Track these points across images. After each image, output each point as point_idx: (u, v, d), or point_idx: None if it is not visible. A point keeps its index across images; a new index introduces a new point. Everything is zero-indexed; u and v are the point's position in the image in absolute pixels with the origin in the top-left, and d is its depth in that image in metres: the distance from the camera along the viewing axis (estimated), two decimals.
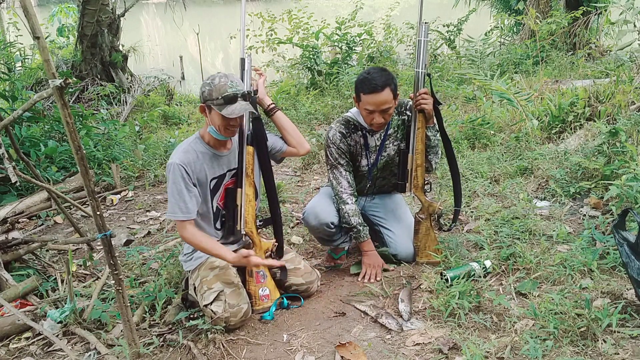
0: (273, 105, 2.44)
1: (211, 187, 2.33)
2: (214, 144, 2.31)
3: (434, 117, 2.54)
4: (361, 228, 2.59)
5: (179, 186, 2.19)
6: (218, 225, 2.41)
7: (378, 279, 2.57)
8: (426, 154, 2.59)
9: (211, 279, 2.26)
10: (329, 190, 2.75)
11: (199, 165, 2.27)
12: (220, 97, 2.12)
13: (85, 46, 7.63)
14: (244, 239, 2.42)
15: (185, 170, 2.20)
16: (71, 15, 10.00)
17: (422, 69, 2.45)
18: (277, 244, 2.44)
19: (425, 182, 2.63)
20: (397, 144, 2.65)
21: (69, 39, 9.51)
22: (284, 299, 2.42)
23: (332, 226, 2.63)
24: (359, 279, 2.61)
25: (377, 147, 2.63)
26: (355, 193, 2.65)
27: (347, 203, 2.59)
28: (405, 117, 2.63)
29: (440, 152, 2.68)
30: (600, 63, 6.67)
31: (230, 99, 2.12)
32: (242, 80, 2.29)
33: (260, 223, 2.42)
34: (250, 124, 2.35)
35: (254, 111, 2.27)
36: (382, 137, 2.62)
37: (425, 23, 2.44)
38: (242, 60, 2.31)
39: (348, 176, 2.61)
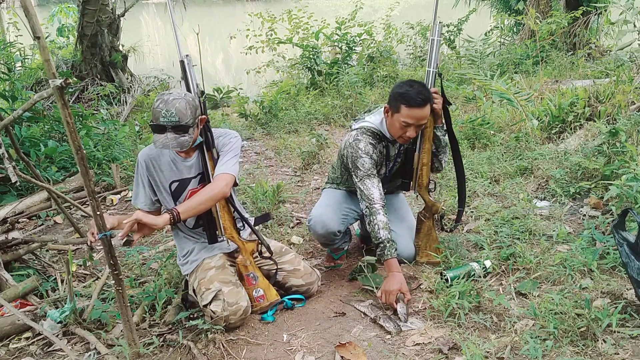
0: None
1: (172, 190, 2.32)
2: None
3: (442, 117, 2.54)
4: (389, 244, 2.36)
5: (137, 178, 2.35)
6: (189, 224, 2.40)
7: (394, 307, 2.27)
8: (437, 154, 2.60)
9: (209, 279, 2.26)
10: (332, 193, 2.74)
11: (159, 165, 2.30)
12: (150, 123, 2.12)
13: (85, 46, 7.63)
14: (228, 245, 2.41)
15: (142, 166, 2.31)
16: (71, 15, 10.00)
17: (433, 68, 2.45)
18: (260, 242, 2.40)
19: (430, 181, 2.63)
20: (407, 147, 2.65)
21: (69, 39, 9.51)
22: (286, 301, 2.41)
23: (339, 234, 2.63)
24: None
25: (395, 156, 2.63)
26: (385, 204, 2.48)
27: (379, 214, 2.40)
28: None
29: (448, 151, 2.68)
30: (600, 63, 6.67)
31: (158, 130, 2.09)
32: (187, 85, 2.23)
33: (241, 225, 2.41)
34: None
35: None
36: (399, 146, 2.61)
37: (440, 22, 2.43)
38: (182, 63, 2.23)
39: (380, 186, 2.46)
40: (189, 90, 2.25)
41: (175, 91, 2.15)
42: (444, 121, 2.56)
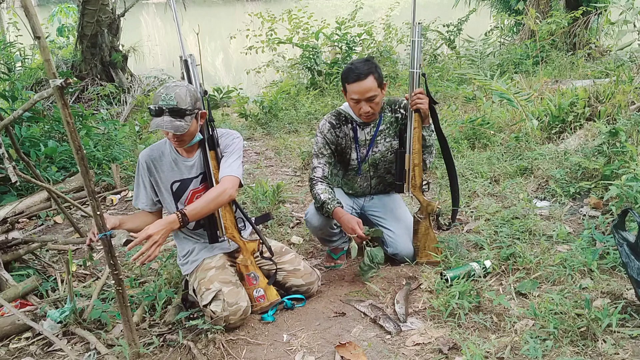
0: None
1: (174, 190, 2.32)
2: (180, 148, 2.31)
3: (430, 117, 2.55)
4: (329, 201, 2.52)
5: (139, 179, 2.34)
6: (189, 226, 2.39)
7: (361, 231, 2.43)
8: (421, 154, 2.60)
9: (209, 279, 2.26)
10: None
11: (160, 165, 2.30)
12: (149, 107, 2.14)
13: (85, 46, 7.64)
14: (229, 245, 2.42)
15: (143, 167, 2.31)
16: (71, 15, 10.01)
17: (416, 69, 2.46)
18: (262, 242, 2.41)
19: (424, 181, 2.63)
20: (389, 141, 2.66)
21: (69, 39, 9.52)
22: (286, 301, 2.41)
23: (335, 227, 2.65)
24: (351, 244, 2.62)
25: (368, 142, 2.65)
26: (327, 182, 2.61)
27: (317, 185, 2.58)
28: (399, 115, 2.64)
29: (435, 151, 2.68)
30: (600, 63, 6.67)
31: (154, 113, 2.10)
32: (190, 83, 2.24)
33: (242, 225, 2.41)
34: (208, 127, 2.30)
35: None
36: (373, 132, 2.63)
37: (419, 23, 2.45)
38: (185, 62, 2.25)
39: (325, 168, 2.62)
40: None
41: (179, 82, 2.18)
42: (431, 121, 2.57)
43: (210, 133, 2.29)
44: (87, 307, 2.38)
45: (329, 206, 2.52)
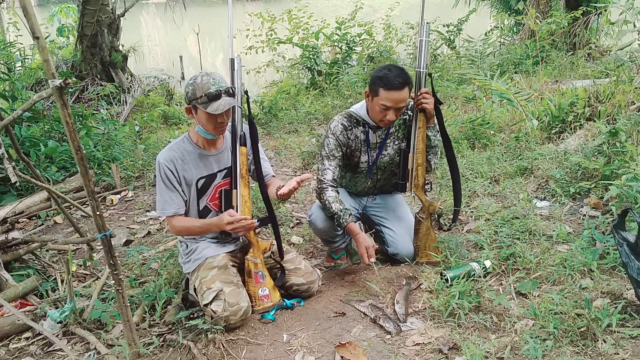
0: None
1: (199, 187, 2.33)
2: (202, 143, 2.33)
3: (435, 117, 2.55)
4: (342, 213, 2.49)
5: (164, 183, 2.27)
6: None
7: (372, 260, 2.47)
8: (425, 154, 2.60)
9: (210, 278, 2.26)
10: None
11: (184, 164, 2.29)
12: (204, 95, 2.14)
13: (85, 46, 7.63)
14: (241, 240, 2.42)
15: (168, 168, 2.26)
16: (71, 15, 10.01)
17: (423, 69, 2.46)
18: (274, 243, 2.44)
19: (426, 181, 2.63)
20: (397, 144, 2.66)
21: (69, 39, 9.52)
22: (285, 301, 2.42)
23: (339, 229, 2.65)
24: (361, 262, 2.59)
25: (378, 145, 2.63)
26: (337, 187, 2.59)
27: (328, 190, 2.53)
28: (407, 117, 2.63)
29: (439, 152, 2.68)
30: (600, 63, 6.67)
31: (214, 96, 2.14)
32: (232, 82, 2.29)
33: (258, 223, 2.42)
34: (243, 124, 2.36)
35: (239, 106, 2.29)
36: (384, 135, 2.62)
37: (427, 23, 2.44)
38: (232, 61, 2.31)
39: (335, 171, 2.57)
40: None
41: (203, 72, 2.24)
42: (436, 121, 2.57)
43: (250, 129, 2.35)
44: (87, 307, 2.38)
45: (341, 220, 2.50)
